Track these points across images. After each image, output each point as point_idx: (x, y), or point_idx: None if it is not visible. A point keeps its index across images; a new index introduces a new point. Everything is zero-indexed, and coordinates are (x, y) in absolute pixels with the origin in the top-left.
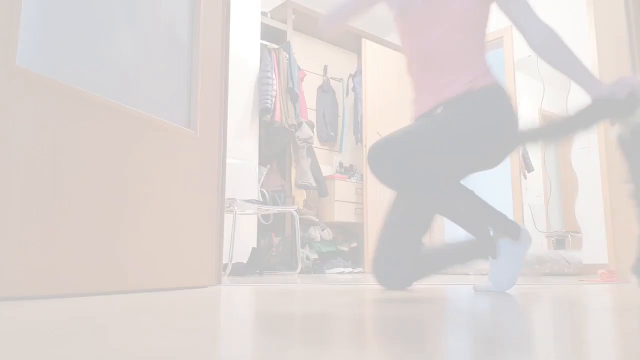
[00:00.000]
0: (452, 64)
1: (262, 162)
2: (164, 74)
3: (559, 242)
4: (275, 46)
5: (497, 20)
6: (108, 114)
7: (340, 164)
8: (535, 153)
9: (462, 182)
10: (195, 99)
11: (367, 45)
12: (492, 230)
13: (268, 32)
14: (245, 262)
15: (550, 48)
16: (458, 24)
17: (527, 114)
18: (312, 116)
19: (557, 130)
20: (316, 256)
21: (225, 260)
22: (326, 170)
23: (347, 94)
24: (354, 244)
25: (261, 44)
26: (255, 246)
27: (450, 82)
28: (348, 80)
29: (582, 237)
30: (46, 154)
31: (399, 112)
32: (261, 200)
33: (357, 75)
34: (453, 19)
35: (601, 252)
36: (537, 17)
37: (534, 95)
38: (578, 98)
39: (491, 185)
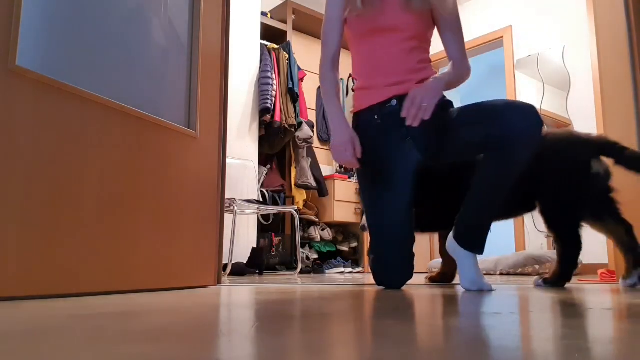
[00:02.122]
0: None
1: (262, 162)
2: (163, 74)
3: None
4: (275, 46)
5: (497, 20)
6: (108, 114)
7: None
8: None
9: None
10: (195, 99)
11: None
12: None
13: (268, 32)
14: (245, 262)
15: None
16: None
17: None
18: (312, 116)
19: None
20: (316, 256)
21: (225, 260)
22: (326, 170)
23: (347, 93)
24: (354, 244)
25: (261, 44)
26: (255, 246)
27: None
28: (348, 80)
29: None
30: (46, 154)
31: None
32: (261, 200)
33: None
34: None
35: (601, 252)
36: (464, 52)
37: (534, 95)
38: (578, 98)
39: None
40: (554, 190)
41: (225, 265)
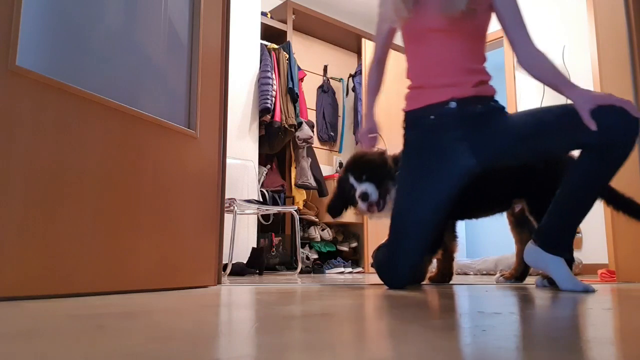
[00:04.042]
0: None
1: (262, 162)
2: (164, 74)
3: None
4: (275, 46)
5: (497, 20)
6: (108, 114)
7: (340, 164)
8: None
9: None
10: (195, 99)
11: (367, 45)
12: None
13: (268, 32)
14: (245, 262)
15: (535, 69)
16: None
17: None
18: (312, 116)
19: None
20: (316, 256)
21: (225, 260)
22: (326, 170)
23: (347, 94)
24: (354, 244)
25: (261, 44)
26: (255, 246)
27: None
28: (348, 80)
29: (582, 237)
30: (46, 154)
31: (399, 112)
32: (261, 200)
33: (357, 75)
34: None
35: (601, 252)
36: (528, 36)
37: (534, 95)
38: None
39: None
40: (545, 190)
41: (225, 265)
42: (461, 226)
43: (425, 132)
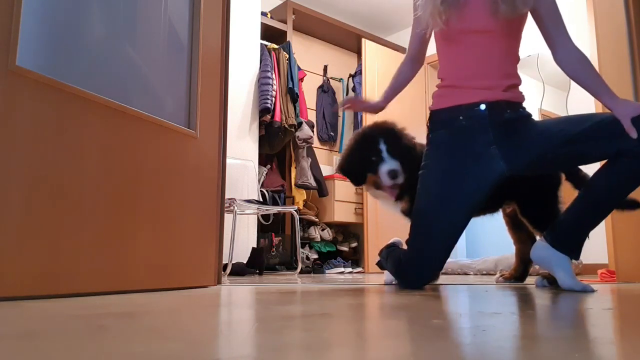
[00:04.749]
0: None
1: (262, 162)
2: (164, 74)
3: None
4: (275, 46)
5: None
6: (108, 114)
7: None
8: None
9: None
10: (195, 99)
11: (367, 45)
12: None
13: (268, 32)
14: (245, 262)
15: (571, 69)
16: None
17: None
18: (312, 116)
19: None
20: (316, 256)
21: (225, 260)
22: (326, 170)
23: (347, 94)
24: (354, 244)
25: (261, 44)
26: (255, 246)
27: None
28: (348, 80)
29: None
30: (46, 154)
31: (398, 112)
32: (261, 200)
33: (357, 75)
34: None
35: (601, 252)
36: (568, 36)
37: (534, 95)
38: (578, 98)
39: None
40: (536, 193)
41: (225, 265)
42: None
43: (454, 134)
